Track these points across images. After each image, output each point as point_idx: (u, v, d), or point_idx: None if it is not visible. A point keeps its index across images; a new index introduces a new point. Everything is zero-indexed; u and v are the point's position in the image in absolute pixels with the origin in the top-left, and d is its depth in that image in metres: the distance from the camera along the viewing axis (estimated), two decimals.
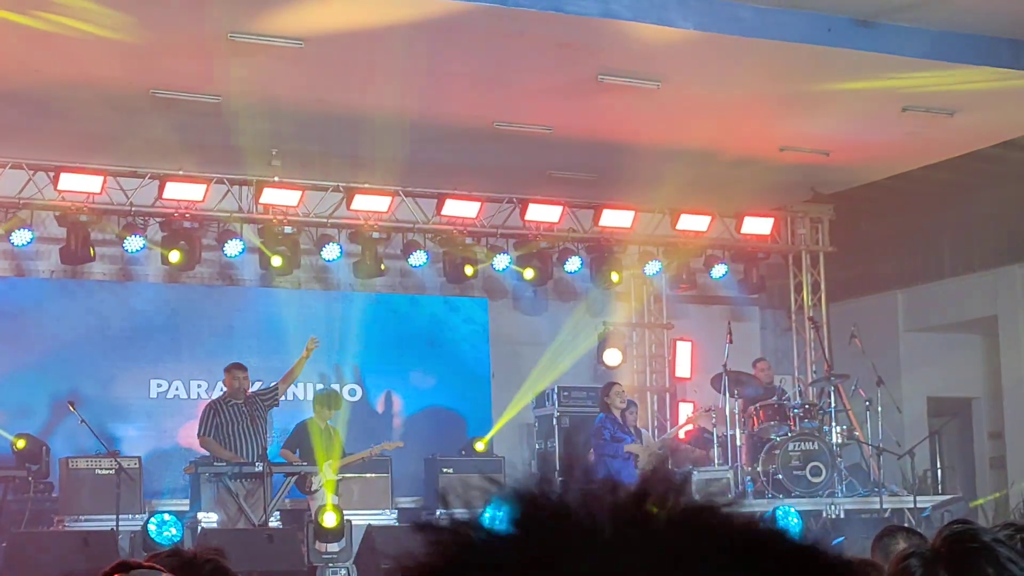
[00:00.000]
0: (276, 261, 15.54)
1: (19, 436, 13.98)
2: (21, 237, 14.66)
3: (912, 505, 15.24)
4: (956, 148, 15.81)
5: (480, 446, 15.84)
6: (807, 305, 18.37)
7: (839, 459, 15.79)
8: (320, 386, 15.42)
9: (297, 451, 14.14)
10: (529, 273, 16.59)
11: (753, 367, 16.71)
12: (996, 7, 11.90)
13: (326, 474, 13.91)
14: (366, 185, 15.69)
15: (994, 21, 12.28)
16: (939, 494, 16.25)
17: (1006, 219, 17.34)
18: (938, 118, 14.51)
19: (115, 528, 12.74)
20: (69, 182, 14.66)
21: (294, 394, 15.68)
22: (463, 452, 15.80)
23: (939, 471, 16.20)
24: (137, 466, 13.71)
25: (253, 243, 15.76)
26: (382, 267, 16.03)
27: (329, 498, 13.52)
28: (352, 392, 16.24)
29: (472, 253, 16.45)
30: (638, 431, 15.23)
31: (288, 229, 15.68)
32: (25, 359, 14.87)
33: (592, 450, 14.71)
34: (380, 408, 16.51)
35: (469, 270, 16.39)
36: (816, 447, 15.44)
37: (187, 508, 13.54)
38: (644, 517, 1.11)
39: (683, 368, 17.73)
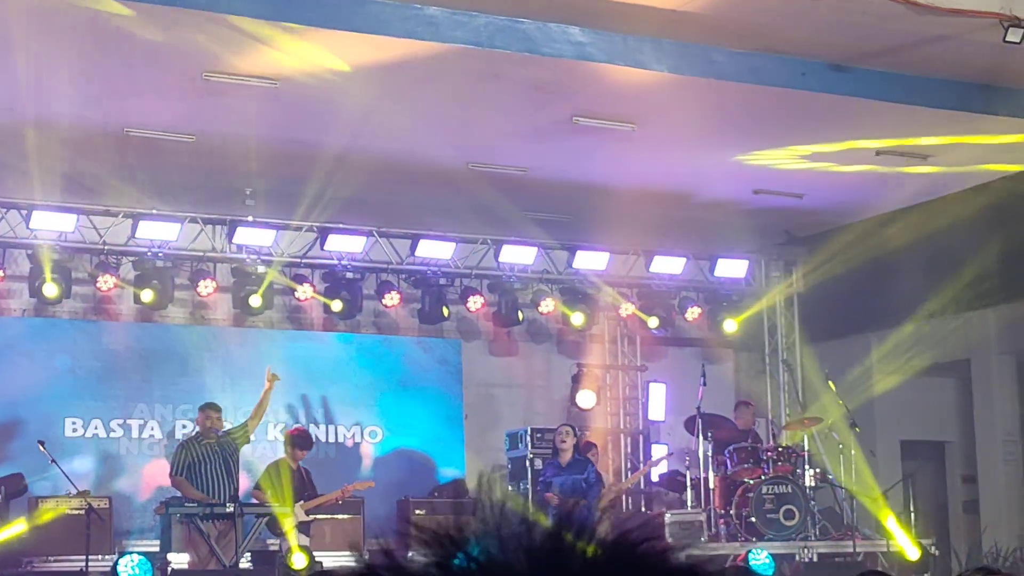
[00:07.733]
0: (255, 301, 15.51)
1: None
2: None
3: (885, 549, 15.22)
4: (929, 192, 15.88)
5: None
6: (781, 348, 18.38)
7: (812, 502, 15.77)
8: (294, 426, 15.33)
9: (268, 492, 14.06)
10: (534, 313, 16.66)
11: (735, 410, 16.70)
12: (967, 53, 11.96)
13: (297, 515, 13.84)
14: (340, 225, 15.67)
15: (966, 67, 12.34)
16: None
17: (979, 263, 17.38)
18: (912, 162, 14.59)
19: (84, 569, 12.64)
20: (42, 220, 14.61)
21: (275, 436, 15.59)
22: (435, 494, 15.74)
23: (912, 514, 16.13)
24: (107, 506, 13.62)
25: (226, 282, 15.73)
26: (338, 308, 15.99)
27: (292, 538, 13.43)
28: (324, 432, 16.15)
29: (446, 294, 16.46)
30: (599, 474, 15.10)
31: (261, 268, 15.65)
32: None
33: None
34: (351, 449, 16.41)
35: (444, 311, 16.39)
36: (789, 490, 15.42)
37: (157, 549, 13.44)
38: (559, 559, 1.11)
39: (657, 410, 17.66)
